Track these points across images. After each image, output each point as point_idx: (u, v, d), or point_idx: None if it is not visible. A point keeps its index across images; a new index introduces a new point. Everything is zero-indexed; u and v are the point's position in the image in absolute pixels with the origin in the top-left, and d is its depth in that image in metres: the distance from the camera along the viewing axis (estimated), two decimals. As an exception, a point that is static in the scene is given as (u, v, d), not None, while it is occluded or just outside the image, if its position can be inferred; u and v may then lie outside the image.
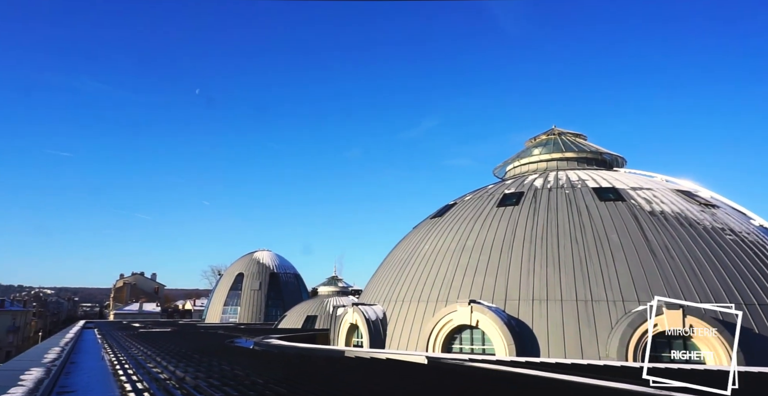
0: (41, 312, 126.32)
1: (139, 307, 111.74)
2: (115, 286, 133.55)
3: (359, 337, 25.36)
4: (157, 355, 18.71)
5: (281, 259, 77.78)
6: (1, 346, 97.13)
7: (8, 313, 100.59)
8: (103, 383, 14.40)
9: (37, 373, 13.26)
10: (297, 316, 53.65)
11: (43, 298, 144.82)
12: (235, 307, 69.00)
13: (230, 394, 8.83)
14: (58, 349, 21.26)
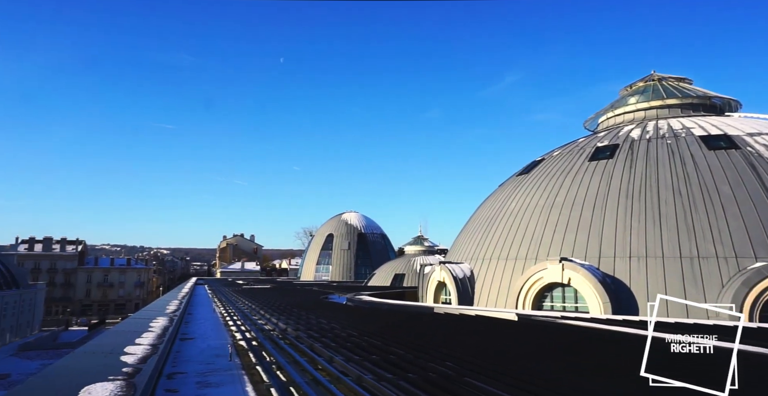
0: (160, 270, 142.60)
1: (241, 265, 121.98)
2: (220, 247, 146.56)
3: (447, 295, 25.74)
4: (260, 309, 20.42)
5: (368, 220, 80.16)
6: (131, 299, 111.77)
7: (134, 271, 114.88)
8: (216, 332, 16.06)
9: (162, 321, 15.08)
10: (385, 275, 55.51)
11: (161, 258, 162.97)
12: (327, 266, 72.89)
13: (329, 345, 9.41)
14: (176, 302, 23.96)
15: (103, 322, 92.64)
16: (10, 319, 70.76)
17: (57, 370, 7.74)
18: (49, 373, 7.55)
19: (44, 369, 8.19)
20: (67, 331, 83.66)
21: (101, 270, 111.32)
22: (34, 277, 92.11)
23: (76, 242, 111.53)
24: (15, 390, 6.31)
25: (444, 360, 7.59)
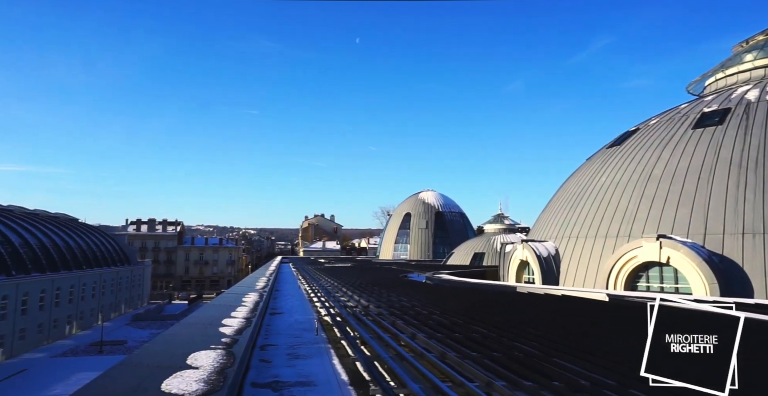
0: (248, 249, 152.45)
1: (323, 245, 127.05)
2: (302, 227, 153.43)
3: (530, 274, 25.10)
4: (342, 286, 21.23)
5: (446, 199, 79.69)
6: (224, 275, 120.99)
7: (226, 250, 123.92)
8: (302, 307, 16.99)
9: (253, 297, 16.21)
10: (464, 254, 55.18)
11: (249, 238, 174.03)
12: (405, 245, 73.78)
13: (411, 322, 9.61)
14: (265, 279, 25.57)
15: (201, 297, 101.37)
16: (124, 292, 79.70)
17: (167, 338, 8.64)
18: (162, 340, 8.44)
19: (157, 336, 9.17)
20: (170, 304, 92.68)
21: (197, 249, 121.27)
22: (141, 255, 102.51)
23: (175, 223, 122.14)
24: (136, 353, 7.15)
25: (529, 339, 7.48)
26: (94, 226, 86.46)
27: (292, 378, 7.46)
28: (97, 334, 56.49)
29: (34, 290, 51.20)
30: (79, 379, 37.55)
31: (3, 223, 54.69)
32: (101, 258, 72.57)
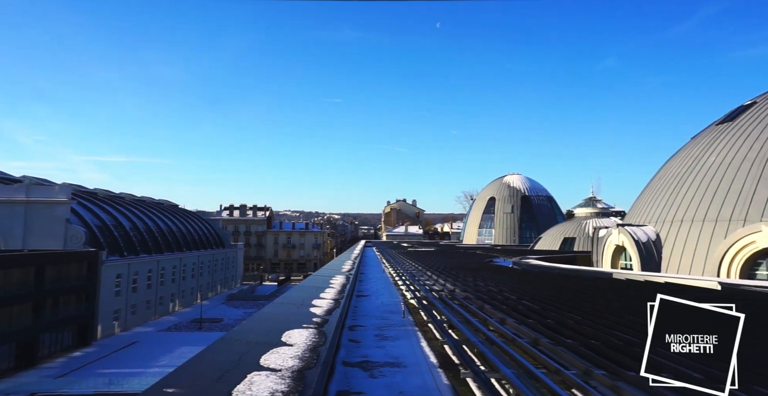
0: (333, 233, 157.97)
1: (405, 229, 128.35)
2: (385, 212, 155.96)
3: (627, 260, 23.65)
4: (426, 270, 21.36)
5: (532, 182, 76.89)
6: (310, 259, 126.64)
7: (312, 234, 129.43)
8: (388, 290, 17.37)
9: (340, 279, 16.83)
10: (552, 238, 53.18)
11: (333, 222, 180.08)
12: (490, 230, 72.48)
13: (499, 307, 9.48)
14: (350, 263, 26.41)
15: (289, 279, 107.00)
16: (220, 273, 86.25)
17: (263, 317, 9.25)
18: (258, 318, 9.04)
19: (253, 315, 9.85)
20: (261, 285, 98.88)
21: (285, 233, 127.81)
22: (234, 239, 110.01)
23: (264, 209, 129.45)
24: (235, 330, 7.74)
25: (629, 327, 7.09)
26: (193, 212, 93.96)
27: (381, 359, 7.70)
28: (197, 312, 61.81)
29: (142, 270, 56.94)
30: (183, 352, 41.48)
31: (116, 208, 61.17)
32: (199, 241, 78.88)
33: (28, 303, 37.81)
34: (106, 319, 48.52)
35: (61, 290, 41.85)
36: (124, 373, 34.93)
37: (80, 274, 44.55)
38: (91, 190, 67.10)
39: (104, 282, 47.91)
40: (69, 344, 42.28)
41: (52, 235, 47.42)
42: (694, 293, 11.87)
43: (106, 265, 48.27)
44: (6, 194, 48.12)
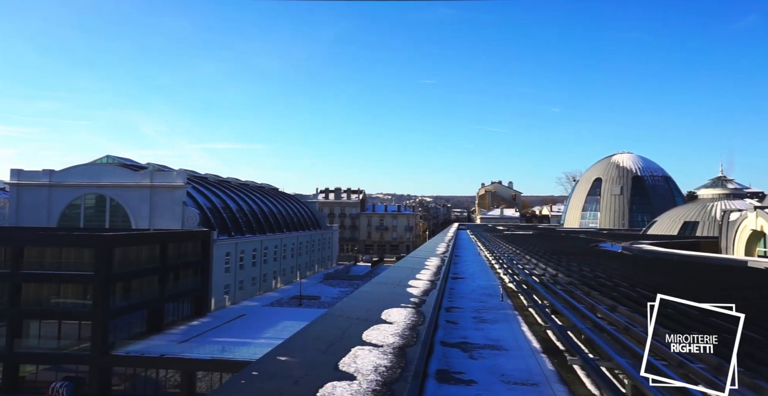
0: (425, 216, 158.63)
1: (500, 212, 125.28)
2: (479, 194, 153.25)
3: (766, 247, 21.08)
4: (525, 254, 20.73)
5: (646, 162, 70.92)
6: (402, 241, 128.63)
7: (404, 216, 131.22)
8: (484, 273, 17.14)
9: (435, 261, 16.89)
10: (670, 222, 48.88)
11: (426, 205, 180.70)
12: (594, 213, 68.32)
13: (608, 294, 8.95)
14: (444, 245, 26.39)
15: (382, 260, 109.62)
16: (317, 253, 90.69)
17: (362, 295, 9.57)
18: (357, 296, 9.38)
19: (353, 293, 10.24)
20: (355, 265, 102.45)
21: (378, 215, 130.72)
22: (329, 221, 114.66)
23: (358, 192, 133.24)
24: (337, 306, 8.10)
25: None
26: (291, 195, 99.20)
27: (480, 340, 7.64)
28: (296, 289, 65.72)
29: (248, 249, 61.51)
30: (285, 326, 44.46)
31: (224, 192, 66.43)
32: (297, 223, 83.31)
33: (155, 276, 42.61)
34: (218, 293, 53.28)
35: (181, 265, 46.57)
36: (235, 342, 38.25)
37: (196, 251, 49.19)
38: (203, 175, 73.33)
39: (216, 259, 52.50)
40: (188, 314, 47.14)
41: (172, 216, 52.71)
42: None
43: (217, 244, 52.79)
44: (135, 180, 54.19)
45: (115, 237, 38.69)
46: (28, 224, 52.55)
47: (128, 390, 34.99)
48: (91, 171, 55.04)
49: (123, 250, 39.22)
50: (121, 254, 38.70)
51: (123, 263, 38.77)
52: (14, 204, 55.13)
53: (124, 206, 53.73)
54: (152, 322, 41.60)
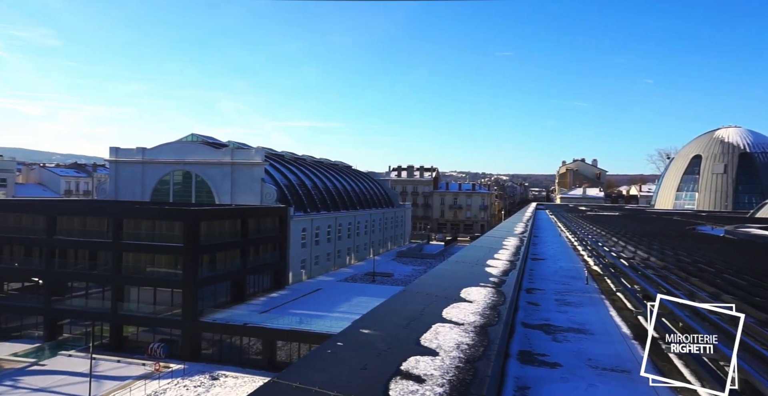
0: (501, 194, 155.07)
1: (582, 191, 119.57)
2: (559, 173, 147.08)
3: None
4: (611, 236, 19.74)
5: (757, 137, 64.16)
6: (477, 220, 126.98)
7: (479, 195, 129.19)
8: (565, 255, 16.54)
9: (513, 241, 16.53)
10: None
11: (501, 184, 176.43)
12: (691, 193, 63.27)
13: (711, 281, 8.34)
14: (522, 225, 25.71)
15: (455, 239, 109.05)
16: (389, 231, 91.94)
17: (439, 273, 9.60)
18: (435, 274, 9.42)
19: (430, 270, 10.29)
20: (428, 244, 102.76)
21: (451, 194, 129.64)
22: (402, 199, 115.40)
23: (431, 169, 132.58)
24: (415, 283, 8.18)
25: None
26: (364, 173, 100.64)
27: (564, 323, 7.43)
28: (369, 266, 67.23)
29: (323, 225, 63.53)
30: (359, 301, 45.80)
31: (299, 169, 68.72)
32: (371, 200, 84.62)
33: (237, 249, 45.31)
34: (295, 267, 55.76)
35: (261, 240, 49.12)
36: (311, 315, 40.04)
37: (274, 226, 51.59)
38: (279, 152, 76.16)
39: (292, 235, 54.79)
40: (268, 286, 49.87)
41: (251, 192, 55.47)
42: None
43: (293, 220, 54.99)
44: (217, 157, 57.42)
45: (201, 211, 41.42)
46: (125, 198, 57.59)
47: (215, 354, 37.88)
48: (178, 148, 58.96)
49: (208, 224, 41.94)
50: (206, 228, 41.43)
51: (208, 236, 41.52)
52: (113, 179, 60.49)
53: (207, 182, 57.23)
54: (235, 293, 44.46)
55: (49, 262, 41.57)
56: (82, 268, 41.75)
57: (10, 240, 43.00)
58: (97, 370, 31.71)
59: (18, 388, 31.77)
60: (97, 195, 70.09)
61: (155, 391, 31.52)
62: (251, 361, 36.84)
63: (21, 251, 43.04)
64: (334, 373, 4.12)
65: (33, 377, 33.46)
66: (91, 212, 43.87)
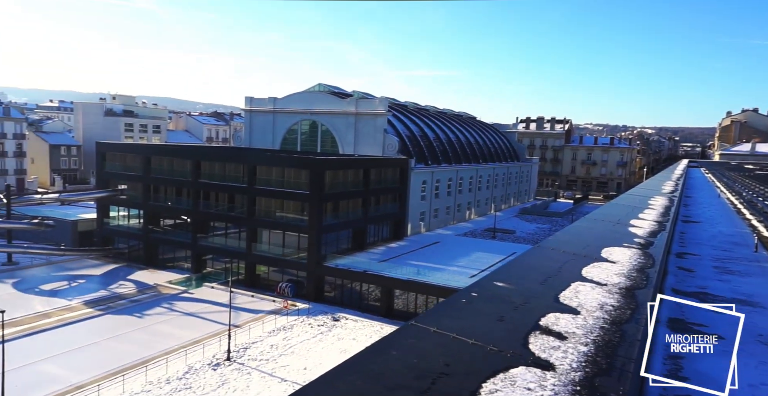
0: (644, 150, 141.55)
1: (751, 147, 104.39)
2: (721, 125, 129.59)
3: None
4: (788, 200, 17.21)
5: None
6: (612, 178, 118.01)
7: (617, 150, 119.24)
8: (726, 218, 14.79)
9: (661, 201, 15.12)
10: None
11: (645, 138, 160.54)
12: None
13: None
14: (671, 184, 23.35)
15: (586, 197, 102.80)
16: (513, 187, 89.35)
17: (577, 230, 9.15)
18: (571, 231, 9.00)
19: (565, 228, 9.84)
20: (555, 201, 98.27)
21: (585, 148, 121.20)
22: (529, 153, 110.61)
23: (563, 121, 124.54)
24: (549, 240, 7.90)
25: None
26: (489, 124, 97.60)
27: (725, 293, 6.74)
28: (490, 222, 66.41)
29: (443, 178, 63.56)
30: (478, 257, 45.83)
31: (422, 120, 68.63)
32: (494, 153, 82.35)
33: (359, 199, 47.40)
34: (414, 220, 57.02)
35: (381, 191, 50.73)
36: (429, 267, 41.07)
37: (395, 178, 52.80)
38: (402, 103, 76.41)
39: (412, 187, 55.69)
40: (387, 237, 51.85)
41: (373, 143, 56.91)
42: None
43: (414, 172, 55.69)
44: (342, 107, 59.39)
45: (326, 161, 43.63)
46: (257, 146, 62.50)
47: (337, 297, 40.85)
48: (305, 98, 61.88)
49: (332, 173, 44.14)
50: (331, 177, 43.66)
51: (333, 185, 43.81)
52: (248, 128, 65.72)
53: (332, 132, 59.72)
54: (356, 241, 46.92)
55: (195, 203, 47.11)
56: (221, 209, 46.74)
57: (164, 181, 49.32)
58: (235, 302, 35.95)
59: (173, 311, 37.35)
60: (234, 142, 76.96)
61: (284, 325, 35.09)
62: (370, 307, 39.16)
63: (173, 192, 49.25)
64: (469, 321, 4.17)
65: (184, 303, 39.04)
66: (229, 158, 48.43)
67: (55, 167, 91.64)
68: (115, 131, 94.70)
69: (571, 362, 3.52)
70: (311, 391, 3.00)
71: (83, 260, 48.93)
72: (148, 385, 26.47)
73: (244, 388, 26.72)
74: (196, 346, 31.12)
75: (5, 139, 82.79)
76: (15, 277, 43.69)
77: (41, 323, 33.82)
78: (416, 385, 3.02)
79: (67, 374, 27.11)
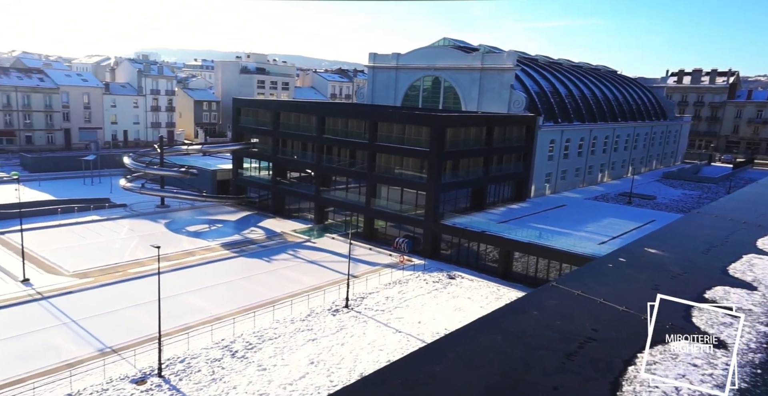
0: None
1: None
2: None
3: None
4: None
5: None
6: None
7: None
8: None
9: None
10: None
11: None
12: None
13: None
14: None
15: (751, 162, 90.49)
16: (657, 148, 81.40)
17: (747, 196, 8.01)
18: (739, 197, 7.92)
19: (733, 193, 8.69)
20: (708, 165, 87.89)
21: (753, 104, 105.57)
22: (680, 110, 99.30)
23: (727, 74, 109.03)
24: (710, 205, 7.00)
25: None
26: (632, 79, 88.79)
27: None
28: (626, 186, 61.43)
29: (574, 137, 59.63)
30: (610, 223, 42.97)
31: (553, 75, 64.27)
32: (636, 111, 75.12)
33: (481, 157, 46.39)
34: (539, 181, 54.67)
35: (505, 149, 49.09)
36: (553, 231, 39.47)
37: (520, 136, 50.65)
38: (533, 56, 71.99)
39: (539, 146, 53.08)
40: (508, 197, 50.51)
41: (498, 99, 54.72)
42: None
43: (542, 131, 52.89)
44: (467, 62, 57.53)
45: (447, 118, 42.97)
46: (379, 103, 63.27)
47: (453, 255, 41.08)
48: (428, 54, 60.79)
49: (453, 130, 43.44)
50: (452, 134, 43.05)
51: (453, 143, 43.22)
52: (371, 84, 66.60)
53: (455, 88, 58.36)
54: (475, 201, 46.34)
55: (319, 157, 49.48)
56: (343, 164, 48.60)
57: (291, 136, 52.27)
58: (354, 253, 37.77)
59: (297, 258, 40.30)
60: (357, 99, 78.64)
61: (399, 279, 36.26)
62: (487, 268, 38.89)
63: (299, 146, 52.10)
64: (618, 287, 3.84)
65: (307, 251, 41.89)
66: (351, 114, 49.70)
67: (198, 121, 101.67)
68: (249, 88, 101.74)
69: (747, 341, 3.09)
70: (450, 343, 2.96)
71: (220, 206, 54.50)
72: (275, 323, 29.22)
73: (360, 335, 28.36)
74: (318, 291, 33.49)
75: (159, 95, 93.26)
76: (167, 218, 49.98)
77: (187, 260, 38.55)
78: (562, 347, 2.84)
79: (209, 306, 30.87)
